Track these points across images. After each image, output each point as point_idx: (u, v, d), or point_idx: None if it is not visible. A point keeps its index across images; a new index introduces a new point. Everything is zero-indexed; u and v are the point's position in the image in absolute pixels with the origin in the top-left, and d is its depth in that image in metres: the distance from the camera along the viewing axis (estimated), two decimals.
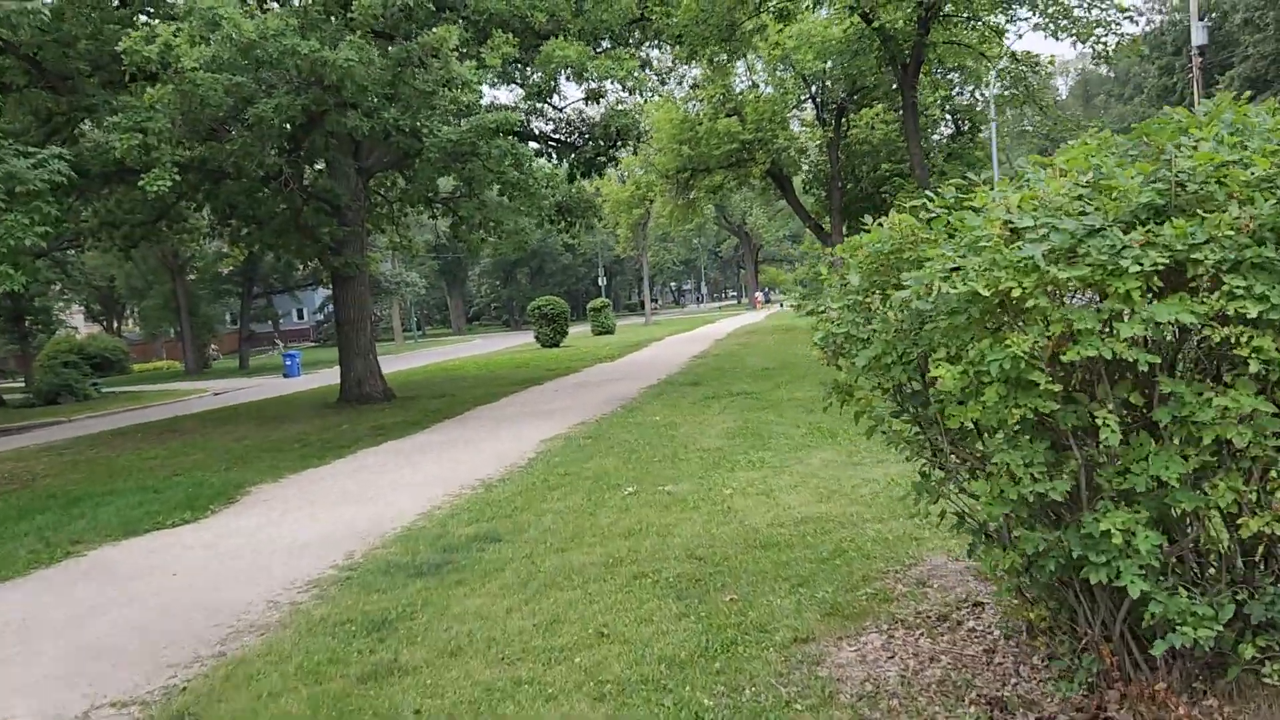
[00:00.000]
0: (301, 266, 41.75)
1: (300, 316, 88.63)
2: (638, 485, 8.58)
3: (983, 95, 28.38)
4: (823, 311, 3.92)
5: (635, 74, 15.31)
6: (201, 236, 27.27)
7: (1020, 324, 2.97)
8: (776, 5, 15.85)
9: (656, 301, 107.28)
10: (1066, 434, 3.10)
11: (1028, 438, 3.10)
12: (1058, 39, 12.86)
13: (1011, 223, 2.95)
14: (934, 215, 3.66)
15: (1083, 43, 13.41)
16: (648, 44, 20.52)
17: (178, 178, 12.11)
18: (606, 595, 5.41)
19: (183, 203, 20.33)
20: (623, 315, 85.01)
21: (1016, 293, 2.82)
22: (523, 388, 20.74)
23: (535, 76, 15.37)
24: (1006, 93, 15.14)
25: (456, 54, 12.69)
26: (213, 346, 67.92)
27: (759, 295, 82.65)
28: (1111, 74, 66.53)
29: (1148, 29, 44.60)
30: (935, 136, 31.18)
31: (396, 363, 38.91)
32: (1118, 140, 3.34)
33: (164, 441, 16.83)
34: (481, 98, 14.10)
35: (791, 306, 44.20)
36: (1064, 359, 2.86)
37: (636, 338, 39.26)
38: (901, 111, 28.93)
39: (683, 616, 4.91)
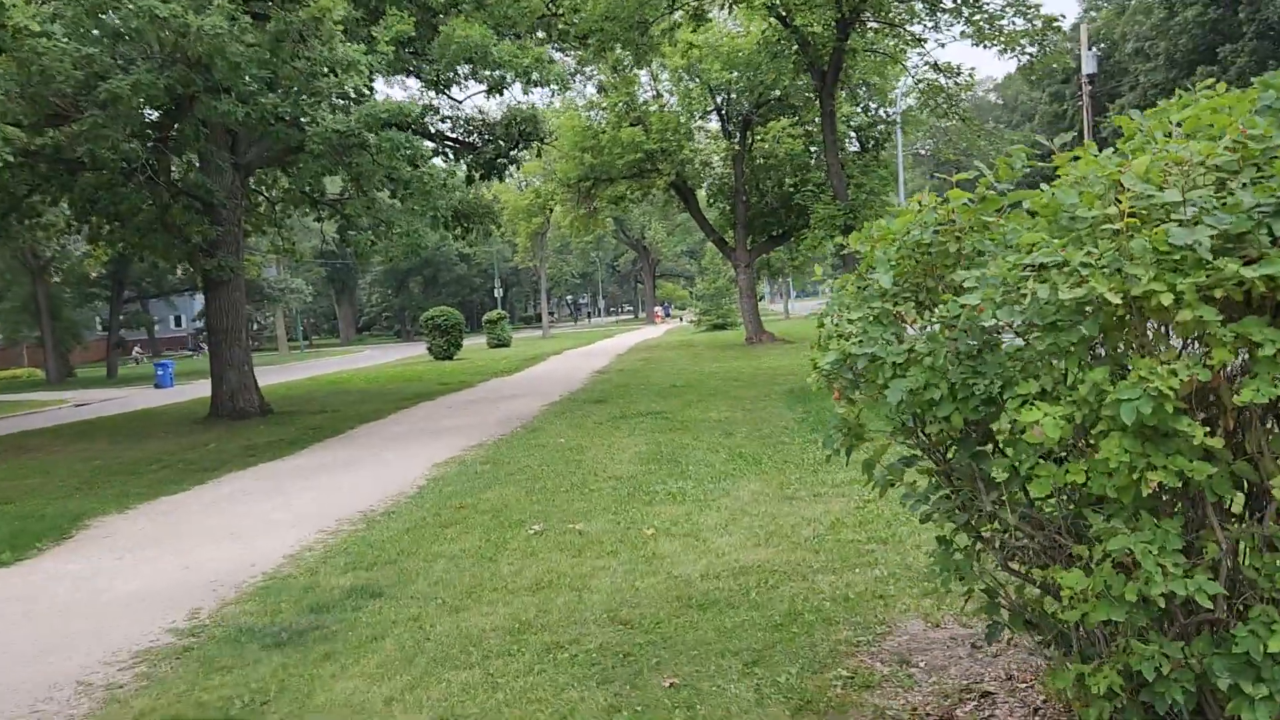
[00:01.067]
0: (176, 270, 39.11)
1: (178, 324, 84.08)
2: (544, 522, 7.51)
3: (887, 113, 28.33)
4: (831, 325, 2.97)
5: (543, 63, 14.24)
6: (58, 234, 24.93)
7: (1152, 346, 2.08)
8: (690, 4, 15.04)
9: (554, 315, 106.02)
10: (1207, 508, 2.21)
11: (1152, 513, 2.20)
12: (985, 47, 12.50)
13: (1144, 197, 2.05)
14: (993, 192, 2.74)
15: (1009, 52, 13.06)
16: (552, 44, 19.51)
17: (10, 159, 10.46)
18: (513, 677, 4.34)
19: (35, 196, 18.31)
20: (519, 328, 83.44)
21: (1166, 299, 1.92)
22: (413, 403, 19.36)
23: (433, 68, 14.14)
24: (926, 104, 14.74)
25: (343, 29, 11.41)
26: (136, 350, 63.37)
27: (659, 310, 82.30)
28: (1000, 100, 68.63)
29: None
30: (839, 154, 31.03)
31: (279, 374, 36.72)
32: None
33: (1, 459, 14.91)
34: (373, 86, 12.86)
35: (691, 321, 43.84)
36: (1237, 400, 1.96)
37: (534, 351, 38.04)
38: (812, 124, 28.79)
39: (613, 712, 3.88)
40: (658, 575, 5.78)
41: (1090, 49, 34.05)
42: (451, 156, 19.47)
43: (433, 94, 16.66)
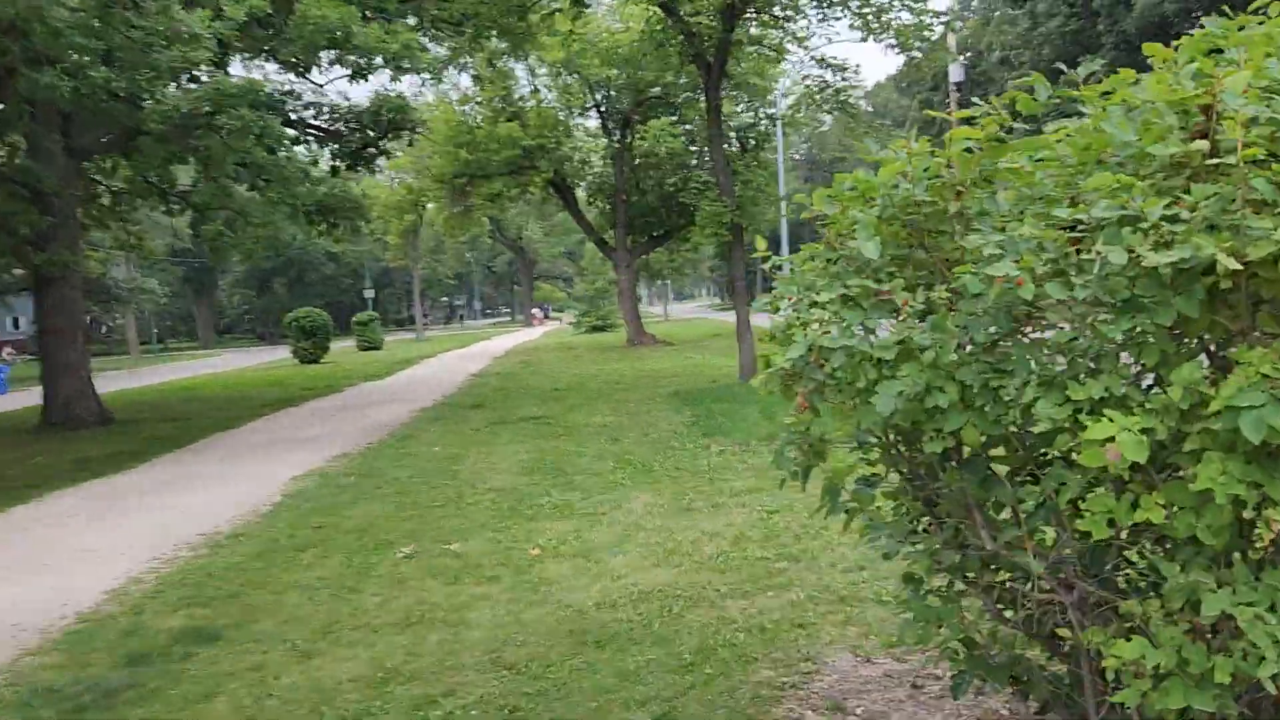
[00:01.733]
0: (9, 269, 35.95)
1: (16, 325, 78.13)
2: (415, 542, 6.70)
3: (766, 114, 28.30)
4: (790, 311, 2.34)
5: (413, 50, 13.27)
6: None
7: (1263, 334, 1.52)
8: None
9: (429, 317, 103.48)
10: None
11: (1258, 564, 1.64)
12: (877, 40, 12.26)
13: (1270, 122, 1.49)
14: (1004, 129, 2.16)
15: (900, 49, 12.91)
16: (423, 31, 18.50)
17: None
18: None
19: None
20: (392, 331, 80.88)
21: None
22: (274, 410, 18.00)
23: (290, 49, 12.97)
24: (810, 100, 14.52)
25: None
26: (8, 350, 58.08)
27: (537, 312, 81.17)
28: (871, 107, 70.49)
29: (902, 64, 47.02)
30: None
31: (128, 380, 34.13)
32: None
33: None
34: (226, 67, 11.67)
35: (570, 323, 43.08)
36: None
37: (407, 354, 36.60)
38: (692, 124, 28.52)
39: None
40: (546, 605, 5.08)
41: (958, 57, 35.00)
42: (315, 145, 18.20)
43: (291, 76, 15.41)
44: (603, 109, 30.60)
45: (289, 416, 16.69)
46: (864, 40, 16.17)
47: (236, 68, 16.46)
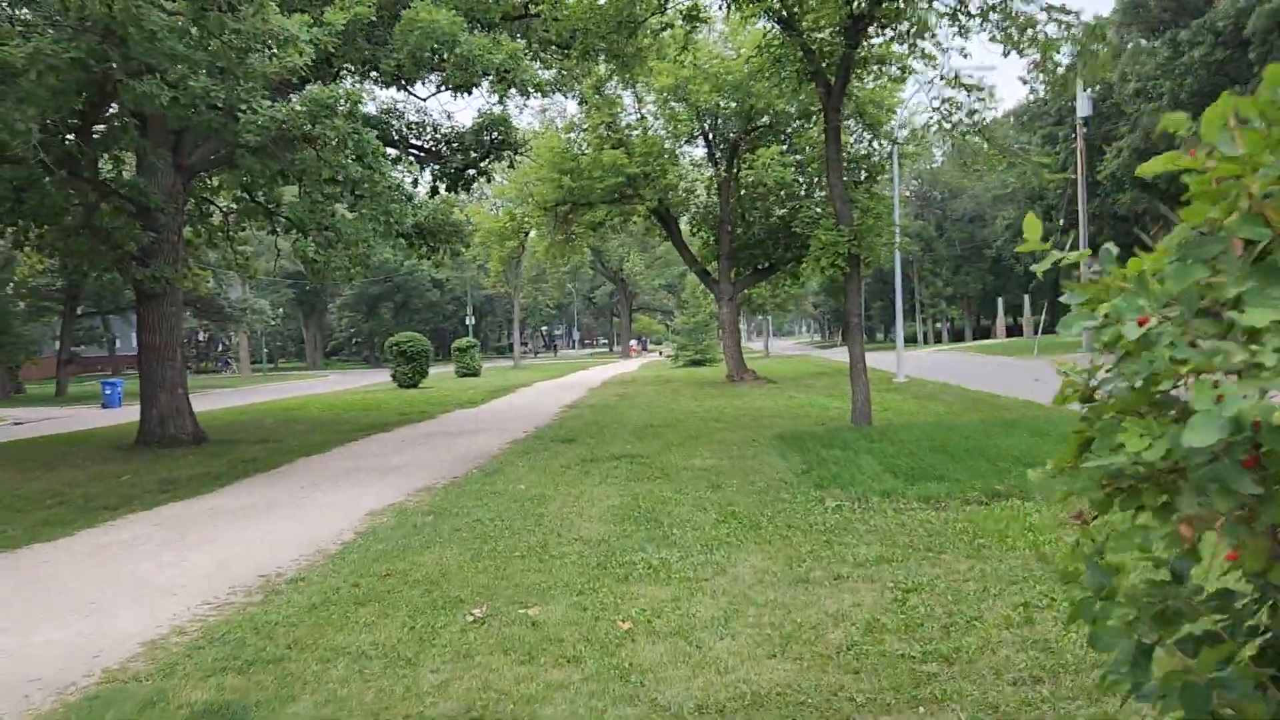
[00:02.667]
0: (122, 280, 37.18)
1: (113, 346, 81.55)
2: (488, 601, 5.84)
3: (880, 145, 27.11)
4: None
5: (519, 60, 12.71)
6: None
7: None
8: (684, 8, 13.62)
9: (527, 345, 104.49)
10: None
11: None
12: (1021, 53, 11.09)
13: None
14: None
15: (1044, 56, 11.71)
16: (530, 56, 18.08)
17: None
18: None
19: None
20: (491, 357, 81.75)
21: None
22: (365, 435, 17.60)
23: (392, 58, 12.53)
24: (941, 123, 13.43)
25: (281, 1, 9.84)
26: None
27: (634, 344, 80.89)
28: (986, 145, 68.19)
29: (1030, 98, 45.17)
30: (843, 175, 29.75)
31: (233, 398, 34.79)
32: None
33: None
34: (321, 73, 11.26)
35: (668, 356, 42.41)
36: None
37: (504, 382, 36.33)
38: (802, 152, 27.51)
39: None
40: (636, 703, 4.12)
41: (1085, 90, 33.19)
42: (416, 166, 17.87)
43: (394, 92, 15.06)
44: (710, 137, 29.86)
45: (378, 443, 16.20)
46: (1005, 55, 14.96)
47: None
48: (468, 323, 61.52)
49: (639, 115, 30.17)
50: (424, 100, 17.56)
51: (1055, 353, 39.52)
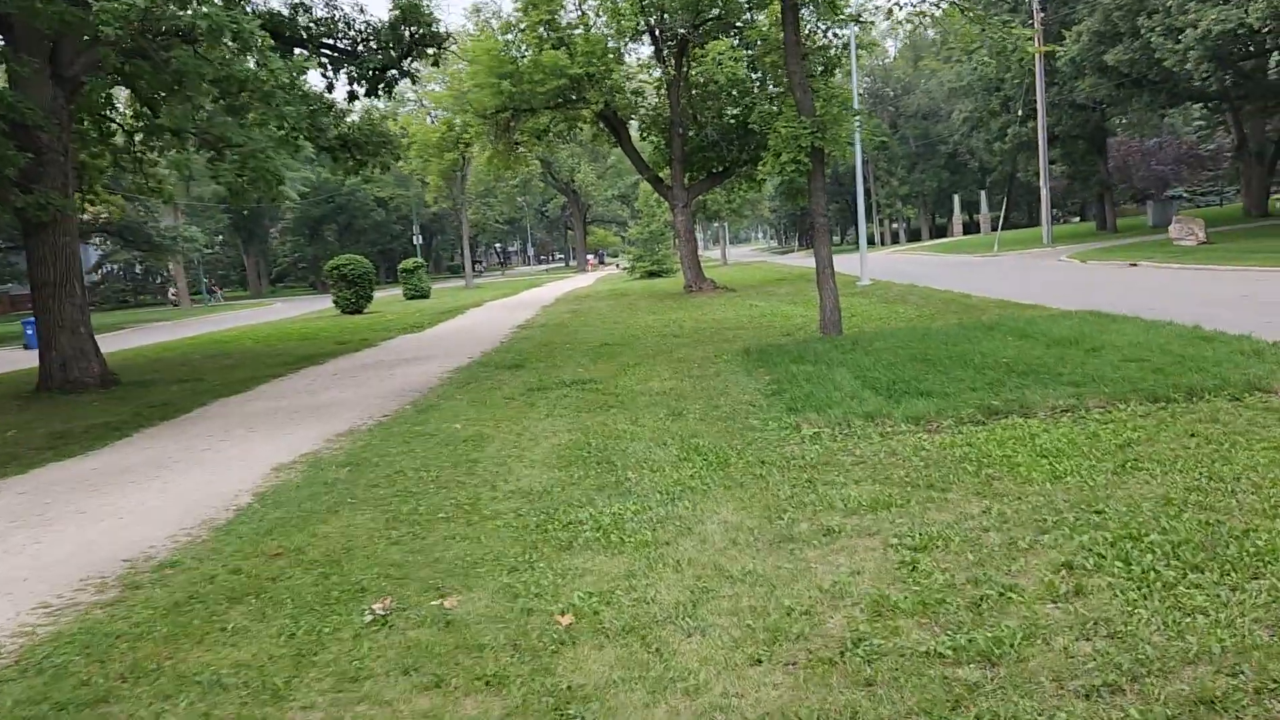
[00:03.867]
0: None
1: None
2: (397, 589, 4.66)
3: (838, 34, 25.46)
4: None
5: None
6: None
7: None
8: None
9: (481, 263, 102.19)
10: None
11: None
12: None
13: None
14: None
15: None
16: None
17: None
18: None
19: None
20: (445, 278, 79.67)
21: None
22: (294, 369, 16.20)
23: None
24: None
25: None
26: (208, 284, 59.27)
27: (591, 258, 79.15)
28: (938, 35, 66.20)
29: None
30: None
31: (166, 332, 33.00)
32: None
33: None
34: None
35: (624, 269, 40.87)
36: None
37: (453, 303, 34.81)
38: (754, 45, 25.78)
39: None
40: None
41: None
42: (330, 69, 16.08)
43: None
44: (657, 34, 27.94)
45: (307, 378, 14.84)
46: None
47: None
48: (415, 242, 59.27)
49: (580, 12, 28.15)
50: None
51: (1015, 248, 38.70)
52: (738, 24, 26.97)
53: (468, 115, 28.85)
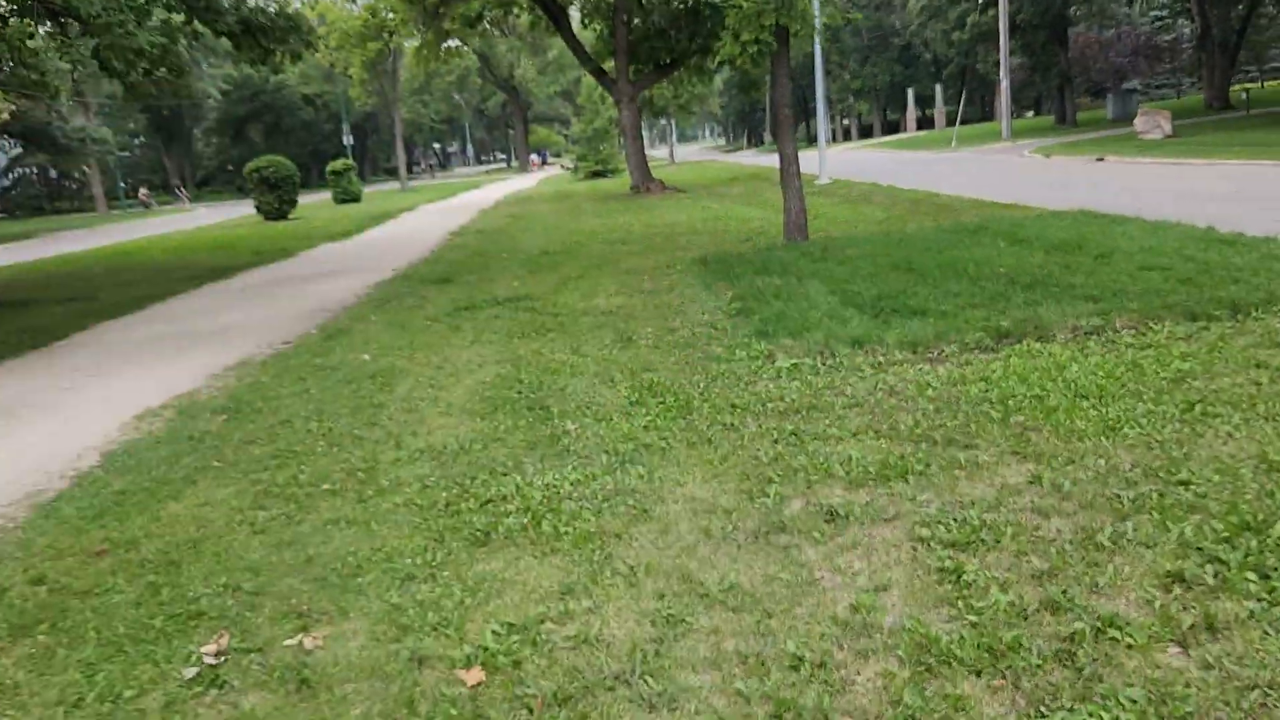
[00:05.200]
0: None
1: None
2: (244, 614, 3.37)
3: None
4: None
5: None
6: None
7: None
8: None
9: (420, 165, 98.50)
10: None
11: None
12: None
13: None
14: None
15: None
16: None
17: None
18: None
19: None
20: (381, 180, 76.40)
21: None
22: (199, 285, 14.53)
23: None
24: None
25: None
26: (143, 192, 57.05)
27: (535, 158, 76.31)
28: None
29: None
30: None
31: (73, 242, 30.67)
32: None
33: None
34: None
35: (567, 169, 38.67)
36: None
37: (385, 207, 32.76)
38: None
39: None
40: None
41: None
42: None
43: None
44: None
45: (210, 296, 13.22)
46: None
47: None
48: (346, 143, 56.13)
49: None
50: None
51: (974, 143, 37.44)
52: None
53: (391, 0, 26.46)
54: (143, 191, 60.17)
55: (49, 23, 12.75)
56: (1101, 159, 22.94)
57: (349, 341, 8.39)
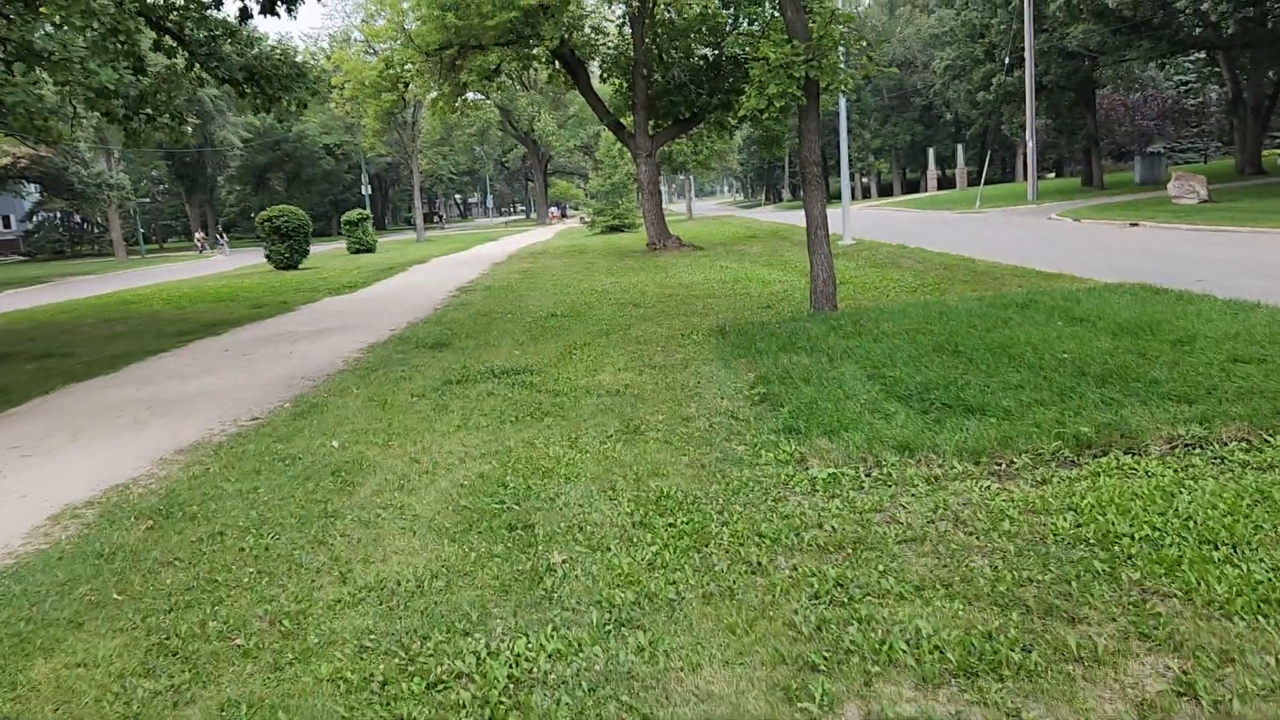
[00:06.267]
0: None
1: (6, 225, 74.05)
2: None
3: None
4: None
5: None
6: None
7: None
8: None
9: (440, 215, 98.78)
10: None
11: None
12: None
13: None
14: None
15: None
16: None
17: None
18: None
19: None
20: (400, 230, 76.40)
21: None
22: (186, 341, 13.68)
23: None
24: None
25: None
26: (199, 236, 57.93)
27: (554, 210, 76.18)
28: None
29: None
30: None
31: (82, 288, 30.18)
32: None
33: None
34: None
35: (584, 222, 37.78)
36: None
37: (399, 258, 32.16)
38: None
39: None
40: None
41: None
42: None
43: None
44: None
45: (190, 355, 12.33)
46: None
47: None
48: (364, 193, 55.92)
49: None
50: None
51: (998, 204, 36.58)
52: None
53: (408, 50, 25.96)
54: (198, 236, 60.36)
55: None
56: (1134, 224, 21.97)
57: (320, 422, 7.42)
